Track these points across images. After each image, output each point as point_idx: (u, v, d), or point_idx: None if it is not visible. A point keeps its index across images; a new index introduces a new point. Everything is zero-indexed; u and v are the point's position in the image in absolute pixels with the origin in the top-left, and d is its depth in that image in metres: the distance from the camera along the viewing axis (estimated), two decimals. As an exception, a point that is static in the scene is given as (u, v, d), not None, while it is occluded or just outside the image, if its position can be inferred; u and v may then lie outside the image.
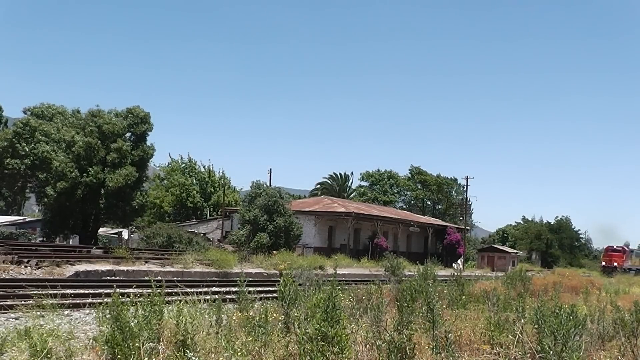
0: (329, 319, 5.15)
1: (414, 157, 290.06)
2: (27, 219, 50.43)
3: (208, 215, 62.52)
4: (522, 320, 7.53)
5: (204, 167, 68.62)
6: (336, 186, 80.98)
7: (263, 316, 6.29)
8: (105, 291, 13.51)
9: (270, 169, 56.20)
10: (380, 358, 5.74)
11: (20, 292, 12.53)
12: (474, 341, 7.22)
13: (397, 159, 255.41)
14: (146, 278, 16.25)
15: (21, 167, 45.56)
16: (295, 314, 6.58)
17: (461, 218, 73.94)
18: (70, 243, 38.85)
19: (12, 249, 22.53)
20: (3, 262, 19.22)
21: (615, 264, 57.77)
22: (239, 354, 5.47)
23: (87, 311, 10.63)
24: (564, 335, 5.28)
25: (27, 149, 45.33)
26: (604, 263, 60.32)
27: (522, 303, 8.66)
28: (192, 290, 12.18)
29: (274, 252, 31.46)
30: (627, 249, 63.98)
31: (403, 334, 5.89)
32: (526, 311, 8.10)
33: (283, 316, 7.05)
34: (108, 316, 5.58)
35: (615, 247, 63.92)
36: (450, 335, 6.38)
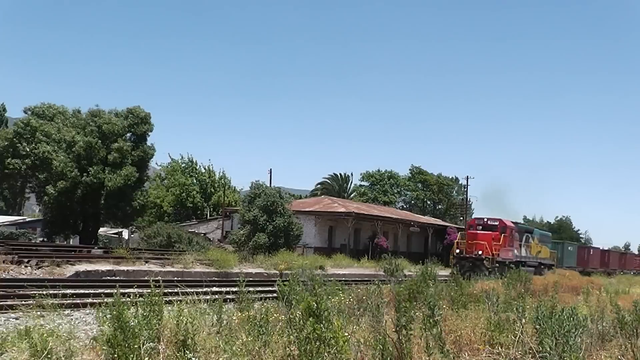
0: (322, 321, 5.14)
1: (414, 157, 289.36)
2: (27, 219, 50.48)
3: (208, 215, 62.51)
4: (523, 320, 7.52)
5: (204, 167, 68.71)
6: (336, 186, 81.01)
7: (263, 316, 6.30)
8: (106, 291, 13.52)
9: (271, 169, 56.04)
10: (380, 358, 5.74)
11: (21, 292, 12.53)
12: (474, 341, 7.23)
13: (398, 159, 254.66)
14: (146, 278, 16.25)
15: (22, 167, 45.60)
16: (290, 315, 6.58)
17: (461, 218, 73.97)
18: (71, 243, 38.92)
19: (13, 249, 22.55)
20: (3, 262, 19.23)
21: (481, 252, 31.07)
22: (239, 354, 5.47)
23: (87, 311, 10.65)
24: (564, 335, 5.28)
25: (27, 149, 45.38)
26: (458, 251, 32.80)
27: (523, 303, 8.65)
28: (192, 290, 12.18)
29: (273, 252, 31.44)
30: (509, 224, 34.30)
31: (401, 334, 5.89)
32: (526, 311, 8.10)
33: (284, 316, 7.05)
34: (108, 316, 5.58)
35: (486, 220, 33.87)
36: (450, 335, 6.38)
